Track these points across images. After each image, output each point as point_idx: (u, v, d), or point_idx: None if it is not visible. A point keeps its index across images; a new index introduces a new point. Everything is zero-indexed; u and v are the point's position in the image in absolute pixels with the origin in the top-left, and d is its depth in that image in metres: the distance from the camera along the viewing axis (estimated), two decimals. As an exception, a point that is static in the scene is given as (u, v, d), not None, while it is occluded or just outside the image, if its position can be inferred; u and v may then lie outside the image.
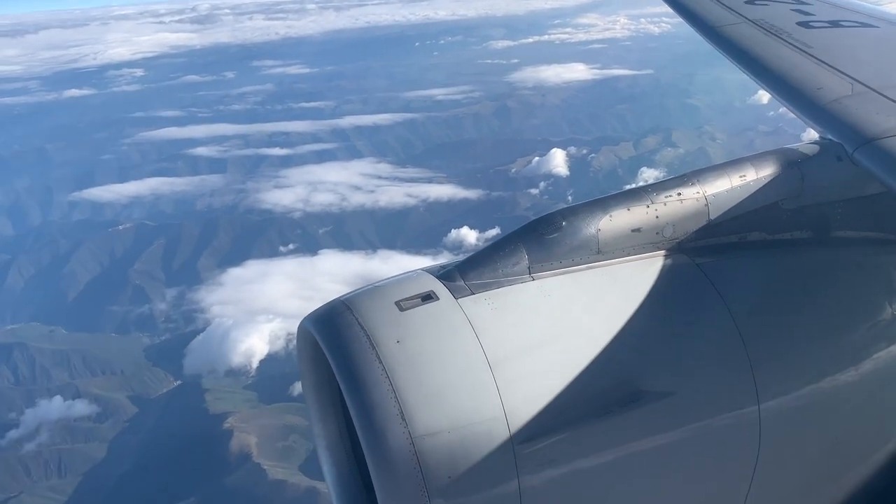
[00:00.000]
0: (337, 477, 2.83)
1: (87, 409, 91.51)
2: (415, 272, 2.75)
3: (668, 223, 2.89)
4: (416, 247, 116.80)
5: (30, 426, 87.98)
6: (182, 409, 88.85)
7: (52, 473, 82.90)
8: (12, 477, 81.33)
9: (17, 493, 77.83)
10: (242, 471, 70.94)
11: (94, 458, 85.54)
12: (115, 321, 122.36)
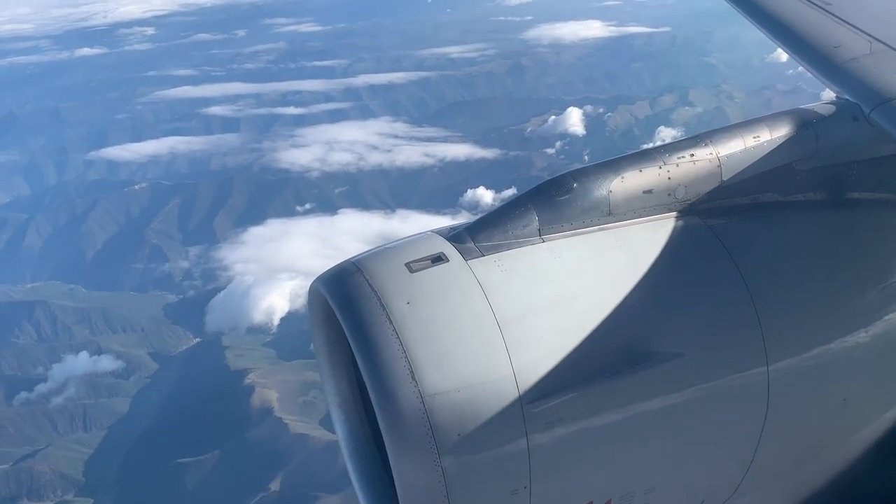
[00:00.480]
0: (349, 434, 2.87)
1: (113, 364, 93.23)
2: (425, 234, 2.75)
3: (681, 185, 2.86)
4: (433, 206, 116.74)
5: (57, 381, 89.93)
6: (203, 365, 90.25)
7: (77, 427, 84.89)
8: (40, 430, 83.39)
9: (44, 445, 79.85)
10: (264, 425, 72.37)
11: (118, 413, 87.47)
12: (134, 280, 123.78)
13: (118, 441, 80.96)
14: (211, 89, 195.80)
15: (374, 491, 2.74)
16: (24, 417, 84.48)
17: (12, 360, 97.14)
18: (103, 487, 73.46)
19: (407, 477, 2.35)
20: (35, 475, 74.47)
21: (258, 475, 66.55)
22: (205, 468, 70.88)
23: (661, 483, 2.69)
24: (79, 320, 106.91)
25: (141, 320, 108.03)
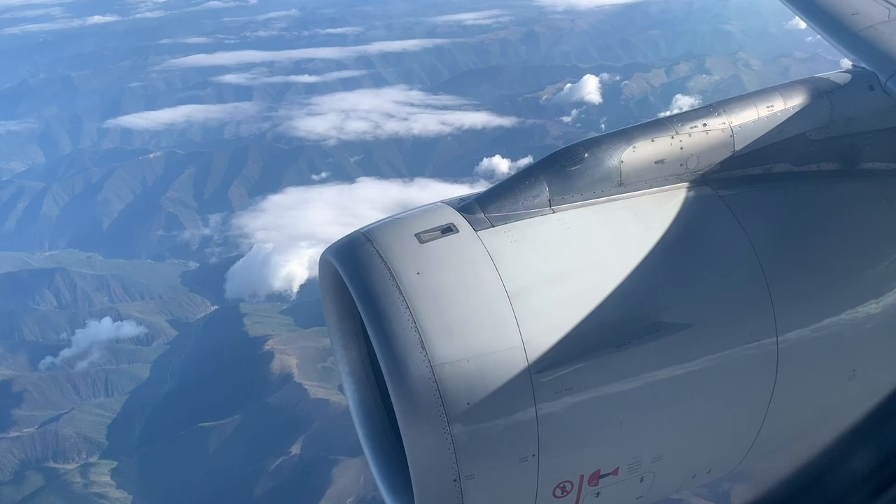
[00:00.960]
0: (359, 402, 2.89)
1: (135, 330, 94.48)
2: (435, 204, 2.75)
3: (693, 154, 2.84)
4: (450, 175, 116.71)
5: (81, 346, 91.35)
6: (221, 332, 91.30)
7: (99, 392, 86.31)
8: (63, 395, 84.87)
9: (68, 409, 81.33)
10: (284, 390, 73.36)
11: (139, 378, 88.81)
12: (151, 248, 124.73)
13: (139, 406, 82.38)
14: (224, 57, 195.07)
15: (384, 458, 2.78)
16: (47, 382, 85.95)
17: (34, 326, 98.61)
18: (126, 450, 74.88)
19: (417, 444, 2.37)
20: (60, 438, 75.98)
21: (279, 439, 67.67)
22: (226, 432, 72.11)
23: (669, 452, 2.70)
24: (98, 287, 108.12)
25: (159, 288, 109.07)
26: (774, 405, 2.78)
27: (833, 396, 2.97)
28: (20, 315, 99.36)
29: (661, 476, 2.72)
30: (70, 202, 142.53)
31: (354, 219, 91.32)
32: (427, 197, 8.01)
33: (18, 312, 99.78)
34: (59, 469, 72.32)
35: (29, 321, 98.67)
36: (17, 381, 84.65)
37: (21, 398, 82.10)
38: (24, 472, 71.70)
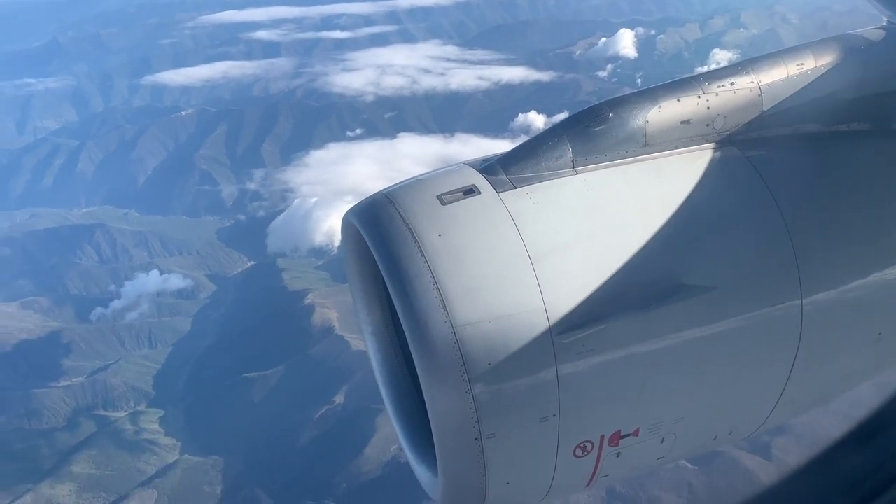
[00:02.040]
0: (382, 362, 2.92)
1: (182, 282, 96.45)
2: (457, 165, 2.73)
3: (720, 114, 2.79)
4: (488, 130, 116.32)
5: (130, 298, 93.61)
6: (261, 287, 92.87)
7: (143, 344, 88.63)
8: (109, 346, 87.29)
9: (115, 360, 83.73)
10: (326, 343, 74.82)
11: (181, 331, 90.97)
12: (185, 204, 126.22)
13: (183, 357, 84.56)
14: (254, 14, 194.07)
15: (407, 417, 2.82)
16: (93, 334, 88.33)
17: (77, 280, 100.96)
18: (172, 400, 77.16)
19: (438, 404, 2.41)
20: (109, 387, 78.40)
21: (322, 389, 69.33)
22: (270, 382, 73.93)
23: (690, 413, 2.71)
24: (137, 243, 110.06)
25: (196, 244, 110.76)
26: (798, 368, 2.75)
27: (857, 360, 2.94)
28: (64, 269, 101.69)
29: (682, 437, 2.72)
30: (105, 159, 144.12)
31: (397, 173, 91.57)
32: (469, 152, 8.33)
33: (62, 267, 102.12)
34: (109, 416, 74.78)
35: (73, 275, 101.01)
36: (65, 333, 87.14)
37: (69, 349, 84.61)
38: (77, 418, 74.28)
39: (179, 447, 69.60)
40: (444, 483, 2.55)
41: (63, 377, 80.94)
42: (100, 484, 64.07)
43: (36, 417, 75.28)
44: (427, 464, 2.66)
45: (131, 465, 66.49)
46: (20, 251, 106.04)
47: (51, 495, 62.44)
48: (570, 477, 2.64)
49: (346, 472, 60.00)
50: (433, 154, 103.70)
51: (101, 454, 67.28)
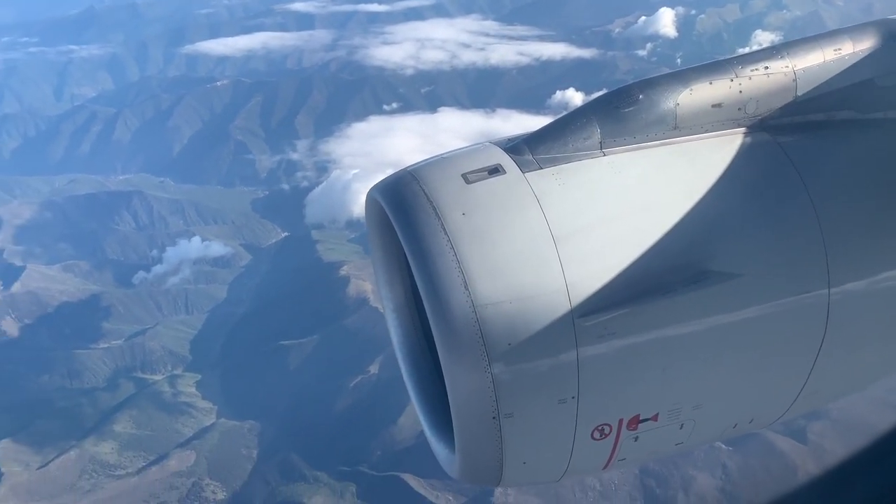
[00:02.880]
0: (402, 339, 2.94)
1: (223, 250, 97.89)
2: (482, 144, 2.72)
3: (752, 98, 2.74)
4: (526, 106, 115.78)
5: (172, 263, 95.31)
6: (295, 257, 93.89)
7: (180, 310, 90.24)
8: (146, 311, 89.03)
9: (153, 324, 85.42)
10: (360, 314, 75.64)
11: (216, 298, 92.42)
12: (220, 174, 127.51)
13: (219, 324, 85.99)
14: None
15: (426, 393, 2.84)
16: (132, 298, 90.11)
17: (116, 245, 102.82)
18: (209, 364, 78.67)
19: (457, 382, 2.42)
20: (147, 351, 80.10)
21: (357, 359, 70.26)
22: (305, 351, 75.04)
23: (711, 400, 2.70)
24: (173, 211, 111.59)
25: (230, 213, 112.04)
26: (822, 359, 2.73)
27: (884, 352, 2.90)
28: (102, 235, 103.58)
29: (701, 424, 2.72)
30: (141, 128, 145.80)
31: (438, 147, 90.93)
32: (510, 128, 8.45)
33: (101, 232, 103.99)
34: (147, 379, 76.49)
35: (111, 241, 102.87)
36: (105, 296, 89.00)
37: (109, 312, 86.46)
38: (117, 380, 76.12)
39: (216, 411, 71.11)
40: (460, 460, 2.57)
41: (102, 339, 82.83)
42: (140, 443, 65.79)
43: (77, 377, 77.26)
44: (444, 440, 2.68)
45: (170, 427, 68.13)
46: (61, 215, 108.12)
47: (94, 452, 64.28)
48: (588, 459, 2.64)
49: (379, 439, 61.04)
50: (474, 129, 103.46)
51: (142, 414, 69.02)
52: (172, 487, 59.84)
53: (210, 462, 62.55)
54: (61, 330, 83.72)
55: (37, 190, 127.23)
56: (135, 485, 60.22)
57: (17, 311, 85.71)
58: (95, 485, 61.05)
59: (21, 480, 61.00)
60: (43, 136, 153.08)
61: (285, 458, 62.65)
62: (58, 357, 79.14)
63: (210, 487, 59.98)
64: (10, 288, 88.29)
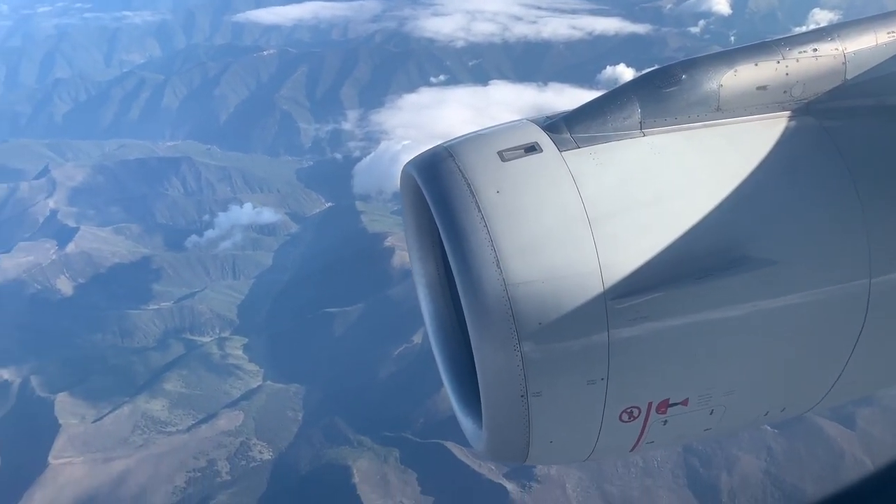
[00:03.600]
0: (433, 314, 2.95)
1: (274, 217, 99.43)
2: (520, 122, 2.68)
3: (799, 81, 2.67)
4: (581, 81, 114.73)
5: (223, 228, 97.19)
6: (339, 227, 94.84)
7: (227, 274, 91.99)
8: (195, 274, 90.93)
9: (201, 288, 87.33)
10: (405, 284, 76.25)
11: (263, 265, 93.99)
12: (265, 143, 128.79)
13: (265, 290, 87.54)
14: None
15: (455, 368, 2.84)
16: (180, 262, 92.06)
17: (165, 210, 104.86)
18: (255, 329, 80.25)
19: (487, 359, 2.41)
20: (196, 313, 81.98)
21: (401, 328, 71.06)
22: (350, 319, 76.13)
23: (743, 387, 2.66)
24: (220, 178, 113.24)
25: (276, 182, 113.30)
26: (859, 349, 2.68)
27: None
28: (152, 199, 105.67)
29: (732, 410, 2.69)
30: (188, 95, 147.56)
31: (490, 120, 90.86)
32: (563, 103, 8.38)
33: (151, 197, 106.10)
34: (196, 341, 78.35)
35: (160, 205, 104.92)
36: (155, 259, 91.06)
37: (159, 275, 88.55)
38: (167, 340, 78.14)
39: (262, 374, 72.68)
40: (487, 436, 2.58)
41: (153, 301, 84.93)
42: (190, 402, 67.68)
43: (129, 336, 79.49)
44: (472, 416, 2.69)
45: (218, 388, 69.90)
46: (112, 179, 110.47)
47: (146, 408, 66.33)
48: (615, 441, 2.63)
49: (423, 407, 61.93)
50: (526, 102, 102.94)
51: (192, 374, 70.88)
52: (221, 446, 61.57)
53: (257, 423, 64.18)
54: (113, 290, 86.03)
55: (87, 153, 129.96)
56: (185, 442, 62.08)
57: (71, 271, 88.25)
58: (147, 440, 63.08)
59: (77, 432, 63.31)
60: (93, 100, 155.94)
61: (330, 421, 63.97)
62: (110, 316, 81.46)
63: (257, 447, 61.59)
64: (64, 248, 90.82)
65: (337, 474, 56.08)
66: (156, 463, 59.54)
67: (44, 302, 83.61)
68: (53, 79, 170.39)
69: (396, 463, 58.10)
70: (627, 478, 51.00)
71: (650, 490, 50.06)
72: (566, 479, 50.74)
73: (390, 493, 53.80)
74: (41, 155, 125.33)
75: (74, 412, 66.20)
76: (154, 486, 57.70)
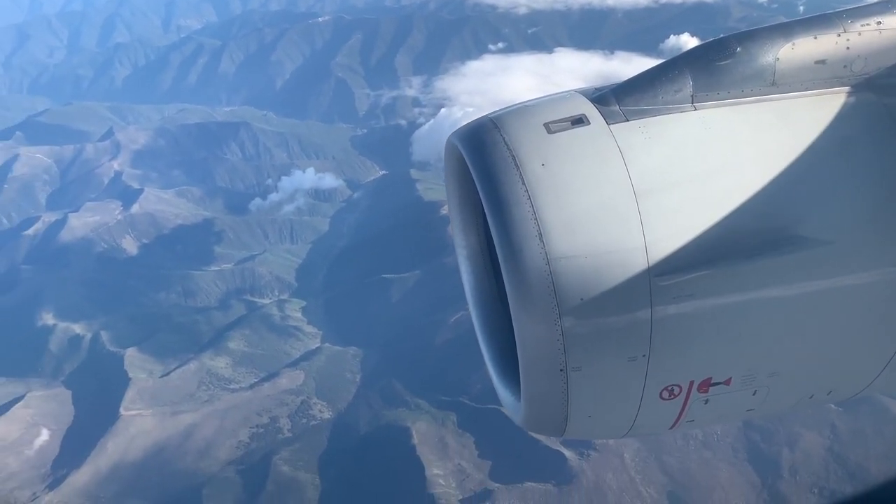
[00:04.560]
0: (474, 285, 2.96)
1: (335, 182, 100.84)
2: (567, 93, 2.62)
3: (860, 56, 2.56)
4: (645, 50, 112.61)
5: (287, 191, 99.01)
6: (395, 195, 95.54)
7: (285, 239, 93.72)
8: (254, 238, 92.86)
9: (260, 251, 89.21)
10: (462, 253, 76.86)
11: (319, 231, 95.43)
12: (320, 110, 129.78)
13: (322, 254, 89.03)
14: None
15: (495, 340, 2.84)
16: (240, 225, 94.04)
17: (224, 174, 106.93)
18: (313, 292, 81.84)
19: (527, 332, 2.40)
20: (256, 275, 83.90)
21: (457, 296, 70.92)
22: (407, 285, 77.02)
23: (788, 369, 2.60)
24: (277, 144, 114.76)
25: (331, 149, 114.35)
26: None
27: None
28: (212, 163, 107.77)
29: (776, 392, 2.63)
30: (245, 61, 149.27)
31: (555, 88, 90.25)
32: (629, 71, 8.25)
33: (211, 161, 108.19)
34: (256, 302, 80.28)
35: (220, 170, 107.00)
36: (216, 222, 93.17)
37: (220, 237, 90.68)
38: (228, 300, 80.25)
39: (321, 336, 74.23)
40: (526, 409, 2.57)
41: (214, 262, 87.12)
42: (252, 361, 69.63)
43: (192, 296, 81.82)
44: (511, 388, 2.68)
45: (279, 348, 71.68)
46: (173, 143, 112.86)
47: (211, 365, 68.48)
48: (654, 418, 2.61)
49: (479, 374, 62.58)
50: (593, 70, 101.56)
51: (254, 334, 72.78)
52: (283, 404, 63.34)
53: (317, 383, 65.77)
54: (176, 251, 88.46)
55: (147, 117, 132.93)
56: (248, 398, 64.02)
57: (135, 231, 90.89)
58: (212, 396, 65.21)
59: (146, 386, 65.78)
60: (152, 65, 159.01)
61: (387, 384, 65.22)
62: (174, 276, 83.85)
63: (317, 406, 63.21)
64: (129, 209, 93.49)
65: (396, 435, 57.34)
66: (221, 418, 61.61)
67: (110, 260, 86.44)
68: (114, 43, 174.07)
69: (454, 427, 59.10)
70: (686, 450, 51.08)
71: (709, 463, 50.08)
72: (624, 448, 51.04)
73: (448, 456, 54.81)
74: (104, 117, 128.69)
75: (143, 367, 68.70)
76: (219, 440, 59.77)
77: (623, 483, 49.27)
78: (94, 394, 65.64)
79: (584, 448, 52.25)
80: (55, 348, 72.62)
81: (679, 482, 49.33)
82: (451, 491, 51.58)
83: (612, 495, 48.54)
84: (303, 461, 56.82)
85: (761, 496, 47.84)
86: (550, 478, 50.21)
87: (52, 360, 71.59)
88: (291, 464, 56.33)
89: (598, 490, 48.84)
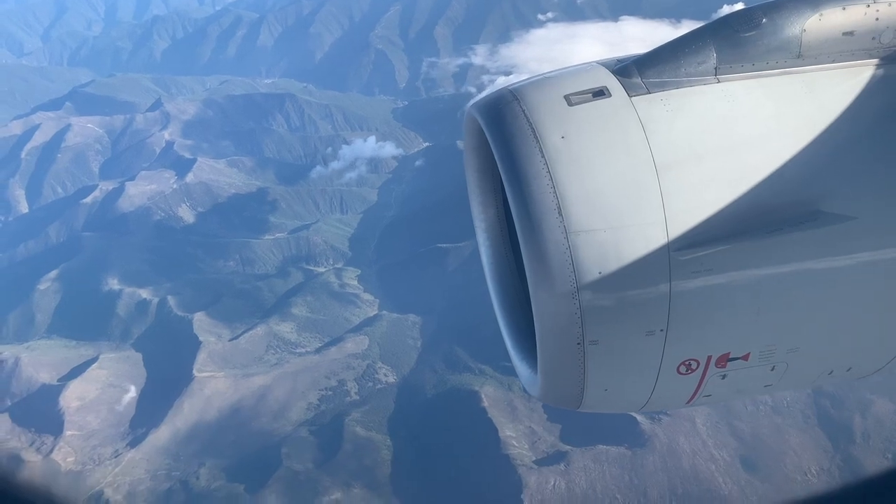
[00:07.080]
0: (492, 259, 2.96)
1: (395, 150, 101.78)
2: (589, 64, 2.61)
3: (890, 27, 2.52)
4: (700, 18, 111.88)
5: (347, 160, 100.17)
6: (441, 166, 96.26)
7: (336, 209, 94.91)
8: (305, 208, 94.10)
9: (314, 220, 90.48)
10: (518, 223, 77.68)
11: (368, 201, 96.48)
12: (360, 82, 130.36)
13: (373, 224, 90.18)
14: None
15: (512, 313, 2.86)
16: (291, 195, 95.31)
17: (272, 145, 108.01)
18: (367, 261, 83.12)
19: (544, 305, 2.37)
20: (311, 244, 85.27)
21: (515, 265, 72.70)
22: (463, 255, 78.06)
23: (807, 345, 2.59)
24: (323, 116, 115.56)
25: (374, 121, 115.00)
26: None
27: None
28: (260, 134, 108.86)
29: (795, 368, 2.62)
30: (283, 33, 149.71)
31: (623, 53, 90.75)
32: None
33: (258, 132, 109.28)
34: (313, 270, 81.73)
35: (268, 140, 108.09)
36: (269, 192, 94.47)
37: (274, 206, 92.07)
38: (286, 268, 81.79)
39: (378, 304, 75.59)
40: (542, 381, 2.59)
41: (269, 231, 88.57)
42: (316, 326, 71.21)
43: (250, 264, 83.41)
44: (528, 361, 2.72)
45: (340, 314, 73.17)
46: (221, 114, 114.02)
47: (277, 330, 70.15)
48: (671, 392, 2.62)
49: (541, 341, 63.90)
50: (660, 38, 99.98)
51: (315, 301, 74.32)
52: (349, 367, 64.95)
53: (382, 347, 67.23)
54: (231, 220, 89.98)
55: (190, 89, 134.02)
56: (316, 362, 65.66)
57: (191, 200, 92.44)
58: (280, 359, 66.93)
59: (217, 349, 67.59)
60: (190, 38, 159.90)
61: (449, 350, 66.60)
62: (232, 244, 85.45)
63: (382, 370, 64.76)
64: (184, 178, 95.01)
65: (465, 399, 58.79)
66: (291, 380, 63.34)
67: (168, 229, 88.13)
68: (151, 16, 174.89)
69: (520, 391, 60.39)
70: (757, 416, 52.15)
71: (780, 428, 51.15)
72: (695, 414, 52.14)
73: (518, 419, 56.22)
74: (147, 89, 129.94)
75: (211, 330, 70.46)
76: (291, 401, 61.55)
77: (696, 446, 50.48)
78: (165, 356, 67.54)
79: (655, 412, 53.45)
80: (123, 312, 74.59)
81: (751, 446, 50.48)
82: (525, 452, 53.04)
83: (685, 458, 49.78)
84: (374, 423, 58.49)
85: (834, 461, 48.88)
86: (623, 441, 51.49)
87: (121, 324, 73.59)
88: (364, 425, 58.06)
89: (672, 453, 50.10)
